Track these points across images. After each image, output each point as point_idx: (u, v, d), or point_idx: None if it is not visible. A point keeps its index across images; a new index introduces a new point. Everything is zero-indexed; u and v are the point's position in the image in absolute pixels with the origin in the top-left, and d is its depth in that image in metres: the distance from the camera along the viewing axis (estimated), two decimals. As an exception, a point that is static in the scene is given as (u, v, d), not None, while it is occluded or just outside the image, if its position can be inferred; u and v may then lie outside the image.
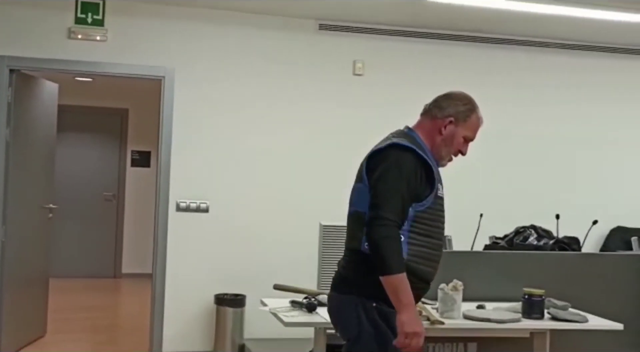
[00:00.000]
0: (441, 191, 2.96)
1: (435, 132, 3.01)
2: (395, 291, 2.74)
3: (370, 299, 2.84)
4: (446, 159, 3.05)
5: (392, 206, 2.77)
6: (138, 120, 10.38)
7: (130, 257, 10.41)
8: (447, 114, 3.01)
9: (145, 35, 6.20)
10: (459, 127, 3.01)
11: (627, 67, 7.20)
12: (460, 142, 3.03)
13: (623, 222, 7.09)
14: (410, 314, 2.75)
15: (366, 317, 2.85)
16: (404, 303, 2.74)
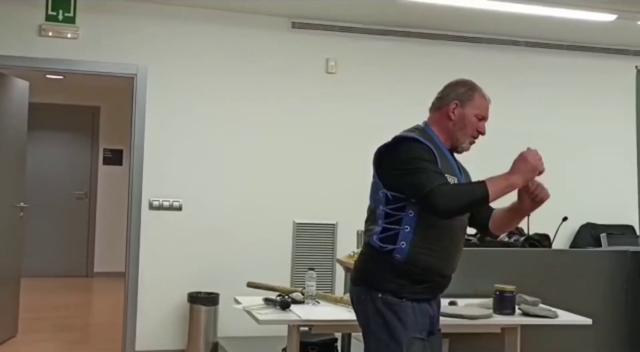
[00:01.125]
0: (453, 180, 2.96)
1: (445, 120, 3.06)
2: (505, 191, 2.94)
3: (377, 291, 2.92)
4: (466, 142, 3.10)
5: (432, 177, 2.81)
6: (110, 118, 10.33)
7: (102, 256, 10.35)
8: (451, 99, 3.07)
9: (117, 33, 6.16)
10: (467, 108, 3.07)
11: (597, 67, 7.28)
12: (473, 122, 3.08)
13: (592, 219, 7.18)
14: (519, 176, 2.99)
15: (373, 308, 2.93)
16: (511, 183, 2.97)
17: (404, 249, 2.87)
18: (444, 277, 3.02)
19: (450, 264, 3.01)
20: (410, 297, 2.91)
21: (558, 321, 4.05)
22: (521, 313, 4.05)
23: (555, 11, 5.97)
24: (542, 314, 4.03)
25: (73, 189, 10.39)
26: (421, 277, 2.91)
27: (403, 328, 2.88)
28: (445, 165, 2.96)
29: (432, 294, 3.01)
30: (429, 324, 2.99)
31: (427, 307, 2.99)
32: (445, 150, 3.05)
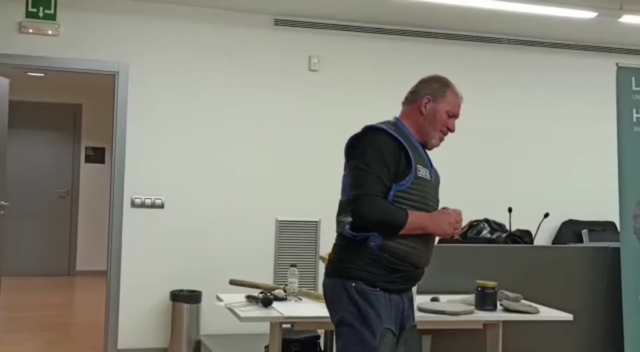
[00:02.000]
0: (423, 173, 2.98)
1: (416, 114, 3.10)
2: (416, 228, 2.90)
3: (350, 280, 2.92)
4: (435, 137, 3.11)
5: (372, 182, 2.87)
6: (92, 116, 10.27)
7: (84, 254, 10.30)
8: (424, 94, 3.12)
9: (98, 30, 6.13)
10: (438, 104, 3.10)
11: (578, 64, 7.31)
12: (444, 118, 3.10)
13: (574, 216, 7.21)
14: (432, 224, 2.93)
15: (347, 297, 2.92)
16: (425, 226, 2.92)
17: (378, 237, 2.89)
18: (418, 268, 3.03)
19: (425, 256, 3.03)
20: (383, 287, 2.91)
21: (539, 317, 4.08)
22: (503, 309, 4.07)
23: (537, 8, 6.00)
24: (524, 310, 4.06)
25: (55, 187, 10.33)
26: (395, 266, 2.92)
27: (377, 317, 2.88)
28: (417, 156, 2.99)
29: (405, 284, 3.01)
30: (400, 317, 2.99)
31: (399, 299, 2.99)
32: (417, 143, 3.08)
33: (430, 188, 3.04)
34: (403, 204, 2.90)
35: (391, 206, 2.89)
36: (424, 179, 2.99)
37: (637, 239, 4.85)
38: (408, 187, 2.92)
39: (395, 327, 2.96)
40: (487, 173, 7.05)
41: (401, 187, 2.91)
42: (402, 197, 2.91)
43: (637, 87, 4.96)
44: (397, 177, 2.91)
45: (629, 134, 4.93)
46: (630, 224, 4.85)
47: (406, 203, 2.91)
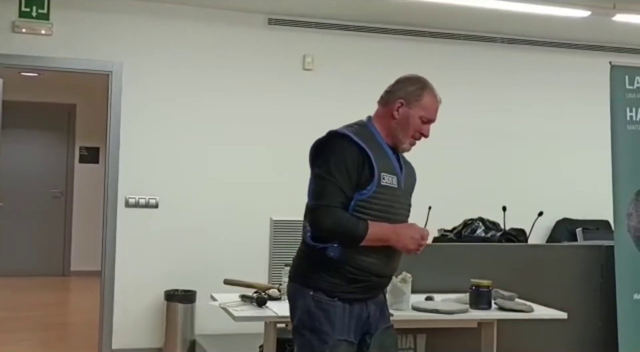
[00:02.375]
0: (389, 181, 2.86)
1: (388, 117, 2.96)
2: (378, 240, 2.81)
3: (309, 288, 2.86)
4: (406, 143, 2.97)
5: (332, 193, 2.78)
6: (86, 115, 10.24)
7: (79, 254, 10.27)
8: (397, 97, 2.96)
9: (92, 30, 6.11)
10: (412, 109, 2.95)
11: (572, 63, 7.32)
12: (417, 124, 2.95)
13: (568, 214, 7.23)
14: (394, 236, 2.82)
15: (304, 305, 2.87)
16: (387, 238, 2.82)
17: (336, 247, 2.80)
18: (382, 277, 2.94)
19: (390, 264, 2.92)
20: (342, 297, 2.84)
21: (534, 315, 4.08)
22: (497, 308, 4.07)
23: (530, 7, 6.01)
24: (518, 308, 4.06)
25: (49, 187, 10.31)
26: (356, 277, 2.83)
27: (330, 329, 2.81)
28: (383, 163, 2.87)
29: (367, 293, 2.91)
30: (361, 326, 2.91)
31: (361, 308, 2.90)
32: (387, 147, 2.95)
33: (398, 196, 2.92)
34: (364, 213, 2.81)
35: (351, 218, 2.78)
36: (389, 187, 2.86)
37: (631, 237, 4.85)
38: (370, 196, 2.81)
39: (356, 337, 2.88)
40: (481, 172, 7.06)
41: (362, 196, 2.80)
42: (364, 206, 2.81)
43: (631, 86, 4.97)
44: (359, 186, 2.81)
45: (622, 132, 4.93)
46: (624, 222, 4.86)
47: (368, 212, 2.81)
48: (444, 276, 4.53)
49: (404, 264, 3.95)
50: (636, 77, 4.99)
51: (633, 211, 4.86)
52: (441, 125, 7.08)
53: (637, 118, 4.95)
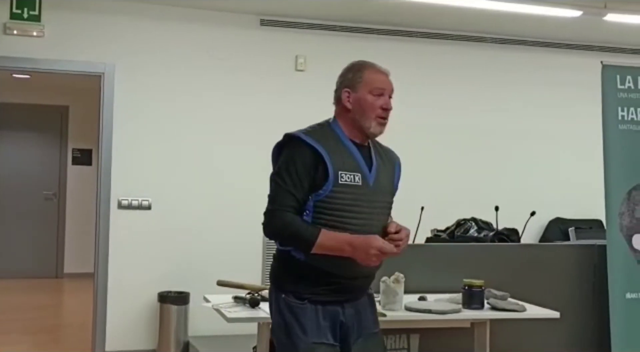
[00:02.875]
0: (349, 179, 2.79)
1: (344, 111, 2.90)
2: (332, 250, 2.74)
3: (281, 291, 2.86)
4: (372, 126, 2.87)
5: (283, 197, 2.77)
6: (79, 117, 10.22)
7: (72, 256, 10.25)
8: (342, 88, 2.91)
9: (83, 31, 6.10)
10: (359, 91, 2.88)
11: (563, 63, 7.34)
12: (371, 102, 2.86)
13: (561, 214, 7.25)
14: (350, 249, 2.72)
15: (277, 308, 2.87)
16: (341, 249, 2.73)
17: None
18: (355, 279, 2.86)
19: (362, 266, 2.80)
20: (313, 299, 2.81)
21: (526, 315, 4.09)
22: (490, 307, 4.08)
23: (521, 7, 6.03)
24: (511, 308, 4.06)
25: (42, 189, 10.28)
26: (324, 279, 2.80)
27: (301, 332, 2.78)
28: (342, 161, 2.81)
29: (341, 296, 2.86)
30: (338, 328, 2.86)
31: (335, 310, 2.85)
32: (351, 145, 2.88)
33: (364, 194, 2.83)
34: (325, 213, 2.76)
35: (302, 224, 2.75)
36: (350, 186, 2.79)
37: (623, 236, 4.87)
38: (328, 195, 2.76)
39: (335, 339, 2.85)
40: (474, 172, 7.07)
41: (320, 197, 2.76)
42: (323, 206, 2.76)
43: (622, 85, 4.98)
44: (315, 187, 2.77)
45: (614, 131, 4.94)
46: (617, 221, 4.87)
47: (328, 212, 2.76)
48: (437, 276, 4.53)
49: (397, 265, 3.97)
50: (627, 76, 5.00)
51: (625, 210, 4.87)
52: (433, 125, 7.17)
53: (628, 117, 4.97)
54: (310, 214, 2.78)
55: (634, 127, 4.98)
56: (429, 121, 6.93)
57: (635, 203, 4.90)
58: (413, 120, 6.63)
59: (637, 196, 4.90)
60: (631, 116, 4.97)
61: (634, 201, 4.90)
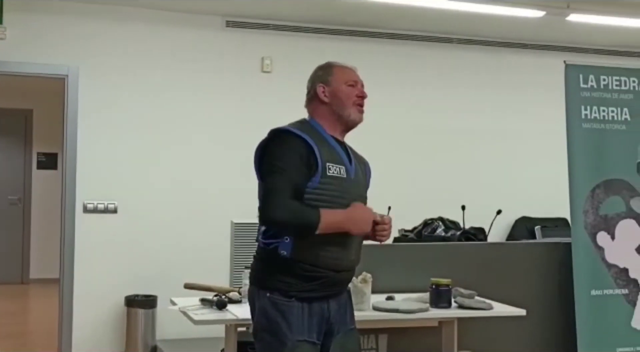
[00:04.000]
0: (335, 171, 2.86)
1: (321, 106, 2.98)
2: (333, 228, 2.78)
3: (265, 290, 2.85)
4: (352, 113, 2.97)
5: (283, 185, 2.78)
6: (43, 121, 10.11)
7: (38, 262, 10.14)
8: (316, 86, 3.01)
9: (46, 33, 6.04)
10: (333, 84, 2.98)
11: (527, 63, 7.42)
12: (347, 92, 2.97)
13: (527, 213, 7.31)
14: (348, 221, 2.80)
15: (261, 308, 2.85)
16: (341, 224, 2.80)
17: (288, 244, 2.78)
18: (340, 272, 2.89)
19: (346, 257, 2.89)
20: (300, 297, 2.82)
21: (493, 313, 4.11)
22: (457, 306, 4.09)
23: (485, 8, 6.07)
24: (478, 306, 4.08)
25: (6, 194, 10.16)
26: (311, 274, 2.81)
27: (288, 330, 2.79)
28: (328, 154, 2.87)
29: (326, 291, 2.88)
30: (324, 325, 2.88)
31: (321, 307, 2.87)
32: (331, 139, 2.95)
33: (348, 186, 2.90)
34: (311, 205, 2.79)
35: (303, 207, 2.78)
36: (336, 178, 2.85)
37: (588, 234, 4.91)
38: (317, 187, 2.80)
39: (319, 337, 2.86)
40: (440, 172, 7.10)
41: (309, 188, 2.80)
42: (312, 198, 2.79)
43: (585, 85, 5.02)
44: (308, 178, 2.81)
45: (578, 130, 4.99)
46: (581, 219, 4.91)
47: (314, 204, 2.79)
48: (405, 275, 4.55)
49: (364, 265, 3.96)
50: (590, 75, 5.05)
51: (589, 207, 4.92)
52: (400, 125, 7.18)
53: (591, 116, 5.02)
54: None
55: (597, 126, 5.03)
56: (395, 122, 6.95)
57: (599, 201, 4.95)
58: (379, 120, 6.62)
59: (600, 193, 4.95)
60: (594, 115, 5.02)
61: (597, 198, 4.95)
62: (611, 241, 4.95)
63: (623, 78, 5.10)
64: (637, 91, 5.11)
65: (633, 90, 5.11)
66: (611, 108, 5.06)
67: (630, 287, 4.95)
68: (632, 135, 5.06)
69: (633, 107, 5.08)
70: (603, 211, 4.95)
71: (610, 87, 5.07)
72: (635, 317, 4.95)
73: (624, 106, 5.07)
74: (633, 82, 5.12)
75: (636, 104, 5.09)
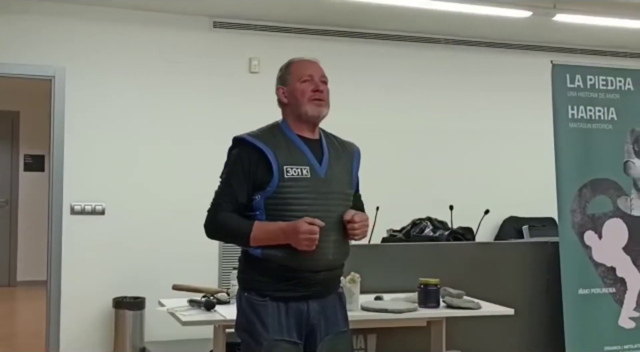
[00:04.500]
0: (295, 172, 2.84)
1: (285, 108, 3.01)
2: (268, 240, 2.81)
3: (244, 290, 2.91)
4: (309, 109, 2.93)
5: (222, 197, 2.90)
6: (30, 123, 10.05)
7: (25, 264, 10.07)
8: (276, 87, 3.05)
9: (32, 34, 6.01)
10: (289, 84, 2.98)
11: (515, 63, 7.44)
12: (301, 89, 2.95)
13: (515, 213, 7.33)
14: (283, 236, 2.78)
15: (239, 308, 2.92)
16: (276, 238, 2.80)
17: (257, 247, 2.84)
18: (317, 273, 2.86)
19: (320, 257, 2.84)
20: (274, 296, 2.83)
21: (481, 312, 4.12)
22: (446, 306, 4.10)
23: (472, 8, 6.09)
24: (466, 306, 4.09)
25: (-7, 196, 10.10)
26: (282, 274, 2.83)
27: (263, 329, 2.81)
28: (288, 156, 2.86)
29: (303, 291, 2.86)
30: (304, 325, 2.87)
31: (299, 307, 2.87)
32: (297, 139, 2.93)
33: (315, 185, 2.87)
34: (275, 209, 2.82)
35: (236, 220, 2.84)
36: (297, 179, 2.84)
37: (575, 233, 4.93)
38: (276, 191, 2.82)
39: (300, 337, 2.86)
40: (428, 172, 7.11)
41: (268, 194, 2.82)
42: (272, 203, 2.83)
43: (572, 84, 5.04)
44: (262, 185, 2.83)
45: (565, 130, 5.01)
46: (569, 218, 4.93)
47: (277, 208, 2.82)
48: (393, 275, 4.55)
49: (353, 265, 3.97)
50: (577, 75, 5.07)
51: (576, 207, 4.94)
52: (387, 126, 7.19)
53: (578, 116, 5.03)
54: (262, 213, 2.85)
55: (584, 125, 5.05)
56: (383, 122, 6.95)
57: (586, 200, 4.97)
58: (367, 121, 6.66)
59: (587, 193, 4.97)
60: (581, 114, 5.04)
61: (584, 198, 4.97)
62: (598, 240, 4.97)
63: (609, 78, 5.12)
64: (624, 91, 5.14)
65: (619, 90, 5.13)
66: (598, 108, 5.08)
67: (617, 286, 4.97)
68: (618, 135, 5.09)
69: (619, 107, 5.10)
70: (590, 210, 4.97)
71: (597, 87, 5.09)
72: (622, 316, 4.97)
73: (610, 106, 5.09)
74: (619, 82, 5.14)
75: (623, 103, 5.12)
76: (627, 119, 5.12)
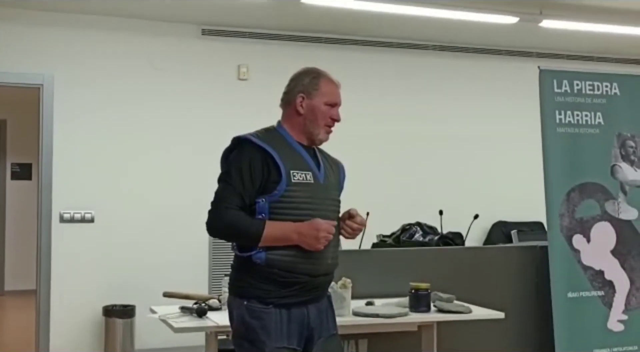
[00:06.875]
0: (301, 177, 2.85)
1: (294, 115, 2.95)
2: (279, 240, 2.79)
3: (243, 298, 2.85)
4: (320, 133, 2.95)
5: (229, 196, 2.82)
6: (17, 131, 10.00)
7: (13, 273, 10.02)
8: (296, 92, 2.96)
9: (21, 42, 6.00)
10: (314, 99, 2.93)
11: (502, 68, 7.49)
12: (324, 111, 2.94)
13: (504, 217, 7.36)
14: (297, 236, 2.78)
15: (239, 316, 2.86)
16: (289, 238, 2.79)
17: (261, 252, 2.79)
18: (317, 277, 2.89)
19: (322, 262, 2.87)
20: (277, 303, 2.82)
21: (472, 316, 4.13)
22: (436, 310, 4.11)
23: (459, 14, 6.13)
24: (457, 310, 4.10)
25: (-20, 205, 10.04)
26: (286, 280, 2.81)
27: (267, 337, 2.79)
28: (293, 161, 2.86)
29: (305, 296, 2.88)
30: (305, 330, 2.88)
31: (301, 313, 2.87)
32: (298, 146, 2.94)
33: (317, 191, 2.89)
34: (282, 213, 2.80)
35: (247, 218, 2.79)
36: (303, 184, 2.85)
37: (564, 237, 4.95)
38: (283, 195, 2.80)
39: (299, 343, 2.87)
40: (418, 178, 7.14)
41: (274, 197, 2.80)
42: (277, 206, 2.80)
43: (559, 89, 5.07)
44: (268, 189, 2.81)
45: (552, 135, 5.03)
46: (557, 223, 4.95)
47: (282, 212, 2.80)
48: (384, 280, 4.56)
49: (344, 270, 3.98)
50: (564, 80, 5.10)
51: (565, 211, 4.97)
52: (377, 132, 7.20)
53: (565, 120, 5.06)
54: (266, 216, 2.82)
55: (571, 130, 5.07)
56: (373, 128, 6.98)
57: (575, 204, 5.00)
58: (356, 127, 6.65)
59: (575, 197, 5.00)
60: (568, 119, 5.06)
61: (573, 202, 4.99)
62: (587, 244, 4.99)
63: (596, 83, 5.16)
64: (610, 96, 5.17)
65: (606, 95, 5.16)
66: (585, 112, 5.11)
67: (606, 289, 4.99)
68: (605, 139, 5.12)
69: (606, 112, 5.14)
70: (578, 214, 4.99)
71: (584, 92, 5.12)
72: (611, 318, 5.00)
73: (597, 110, 5.12)
74: (606, 86, 5.18)
75: (609, 108, 5.15)
76: (614, 124, 5.15)
